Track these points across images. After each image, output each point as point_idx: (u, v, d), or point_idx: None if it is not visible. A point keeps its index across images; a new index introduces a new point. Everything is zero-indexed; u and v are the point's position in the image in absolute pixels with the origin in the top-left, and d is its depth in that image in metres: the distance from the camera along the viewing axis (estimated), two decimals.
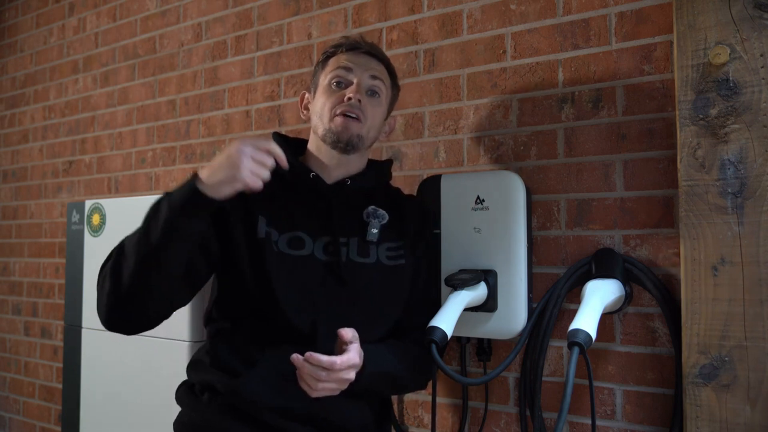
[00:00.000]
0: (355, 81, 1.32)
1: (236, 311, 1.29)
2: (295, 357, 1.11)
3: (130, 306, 1.16)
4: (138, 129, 2.46)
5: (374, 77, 1.35)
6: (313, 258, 1.27)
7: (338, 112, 1.30)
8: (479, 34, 1.65)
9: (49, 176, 2.84)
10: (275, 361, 1.21)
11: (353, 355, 1.14)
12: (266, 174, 1.11)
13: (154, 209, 1.14)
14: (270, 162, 1.12)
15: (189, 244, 1.16)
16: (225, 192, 1.10)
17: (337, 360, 1.10)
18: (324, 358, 1.09)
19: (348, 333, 1.15)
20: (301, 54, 2.00)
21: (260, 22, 2.12)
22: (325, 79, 1.35)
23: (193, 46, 2.31)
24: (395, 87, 1.43)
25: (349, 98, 1.30)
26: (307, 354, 1.10)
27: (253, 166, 1.09)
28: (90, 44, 2.71)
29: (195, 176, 1.12)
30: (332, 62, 1.36)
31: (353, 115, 1.30)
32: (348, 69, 1.33)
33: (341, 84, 1.33)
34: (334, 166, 1.35)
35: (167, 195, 1.15)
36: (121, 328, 1.21)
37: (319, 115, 1.34)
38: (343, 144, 1.31)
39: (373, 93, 1.35)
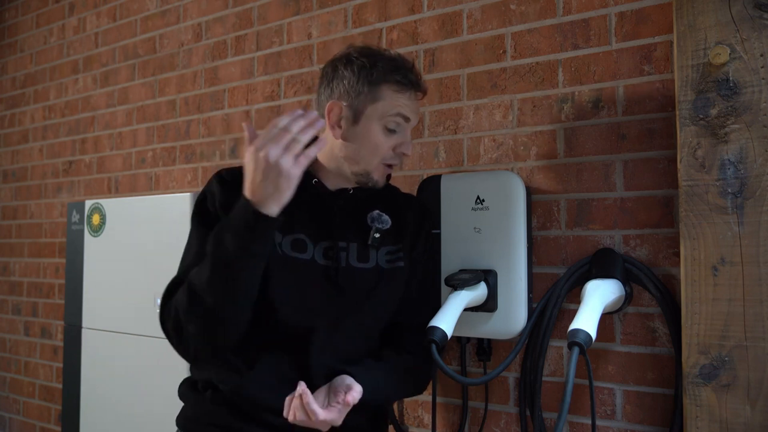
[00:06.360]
0: (407, 133, 1.30)
1: None
2: (300, 387, 1.12)
3: (219, 341, 1.19)
4: (138, 129, 2.46)
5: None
6: (313, 262, 1.27)
7: (386, 162, 1.30)
8: (479, 34, 1.65)
9: (49, 176, 2.84)
10: (274, 362, 1.23)
11: (335, 416, 1.15)
12: (300, 148, 1.09)
13: (217, 243, 1.13)
14: (303, 133, 1.09)
15: (263, 264, 1.16)
16: (284, 200, 1.11)
17: (320, 415, 1.11)
18: (312, 407, 1.10)
19: (352, 394, 1.16)
20: (301, 54, 2.00)
21: (260, 22, 2.12)
22: (380, 120, 1.27)
23: (193, 46, 2.31)
24: None
25: (403, 153, 1.30)
26: (303, 390, 1.11)
27: (289, 157, 1.08)
28: (90, 44, 2.71)
29: (247, 201, 1.11)
30: (388, 96, 1.26)
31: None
32: (407, 119, 1.29)
33: (394, 130, 1.29)
34: (341, 181, 1.33)
35: (224, 227, 1.13)
36: (206, 360, 1.25)
37: (363, 154, 1.28)
38: (369, 186, 1.31)
39: None
